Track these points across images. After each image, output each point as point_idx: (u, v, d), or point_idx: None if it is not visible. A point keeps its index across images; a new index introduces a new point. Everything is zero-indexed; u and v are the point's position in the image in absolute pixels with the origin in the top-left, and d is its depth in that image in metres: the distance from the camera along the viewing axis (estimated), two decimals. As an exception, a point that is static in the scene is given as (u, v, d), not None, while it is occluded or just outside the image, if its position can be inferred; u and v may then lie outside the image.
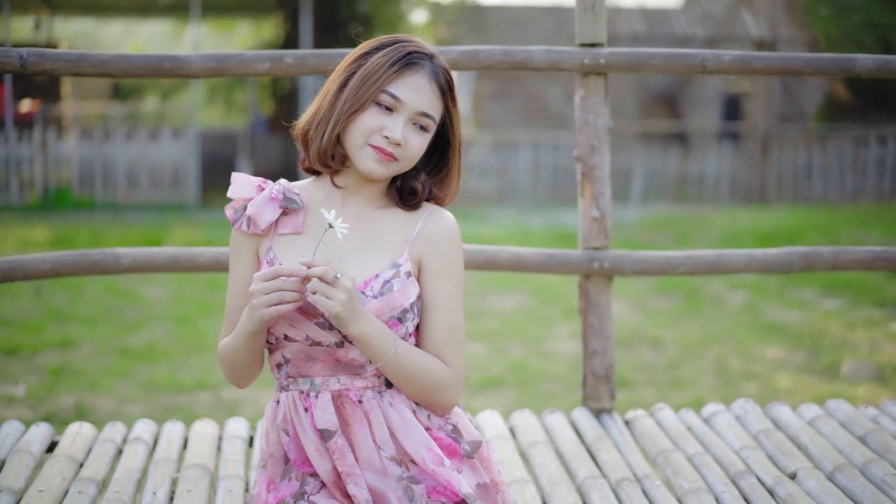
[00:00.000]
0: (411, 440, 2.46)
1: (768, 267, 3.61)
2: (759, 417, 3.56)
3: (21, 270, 3.47)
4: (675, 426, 3.52)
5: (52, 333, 8.18)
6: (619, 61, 3.49)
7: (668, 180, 18.45)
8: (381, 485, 2.46)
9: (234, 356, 2.50)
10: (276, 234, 2.52)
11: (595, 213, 3.56)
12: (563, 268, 3.60)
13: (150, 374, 7.04)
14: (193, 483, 3.06)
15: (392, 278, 2.45)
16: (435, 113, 2.49)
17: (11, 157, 16.89)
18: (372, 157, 2.45)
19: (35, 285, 10.04)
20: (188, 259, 3.50)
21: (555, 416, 3.64)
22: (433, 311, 2.51)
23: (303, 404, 2.48)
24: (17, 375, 7.00)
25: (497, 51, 3.47)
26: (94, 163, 17.19)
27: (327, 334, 2.42)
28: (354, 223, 2.51)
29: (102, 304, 9.43)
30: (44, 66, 3.33)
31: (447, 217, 2.57)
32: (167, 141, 17.62)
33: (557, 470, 3.19)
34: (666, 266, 3.62)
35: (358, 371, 2.47)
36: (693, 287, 10.26)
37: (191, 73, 3.38)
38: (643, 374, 7.10)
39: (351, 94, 2.44)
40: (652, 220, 15.26)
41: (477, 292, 10.05)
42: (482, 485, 2.52)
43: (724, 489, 3.03)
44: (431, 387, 2.48)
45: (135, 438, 3.41)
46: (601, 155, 3.54)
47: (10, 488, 2.98)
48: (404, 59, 2.46)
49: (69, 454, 3.25)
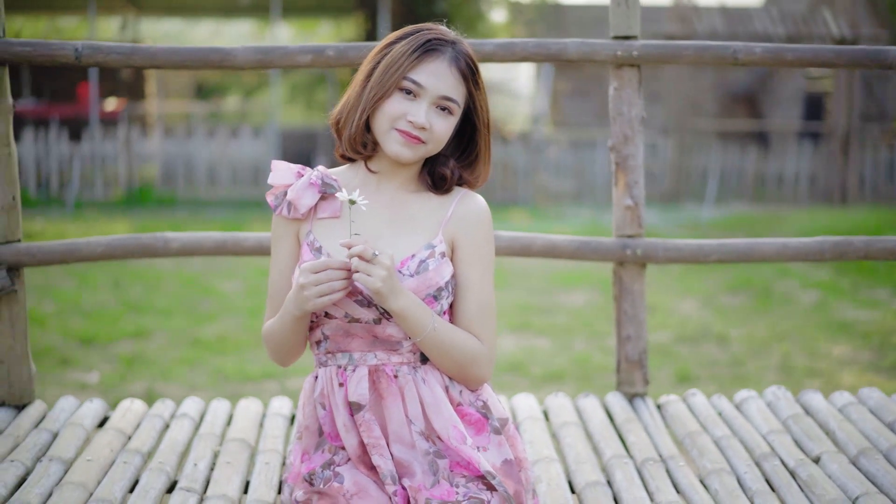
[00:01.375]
0: (439, 417, 2.57)
1: (800, 255, 3.65)
2: (789, 403, 3.62)
3: (76, 253, 3.64)
4: (706, 411, 3.59)
5: (128, 324, 8.42)
6: (651, 53, 3.57)
7: (746, 180, 18.32)
8: (409, 457, 2.57)
9: (279, 338, 2.62)
10: (315, 219, 2.64)
11: (628, 202, 3.64)
12: (597, 255, 3.68)
13: (220, 363, 7.22)
14: (233, 456, 3.21)
15: (427, 258, 2.56)
16: (457, 96, 2.59)
17: (97, 155, 17.27)
18: (398, 141, 2.56)
19: (114, 278, 10.31)
20: (234, 243, 3.65)
21: (588, 399, 3.73)
22: (466, 290, 2.62)
23: (338, 379, 2.59)
24: (92, 363, 7.23)
25: (531, 43, 3.56)
26: (177, 160, 17.51)
27: (366, 311, 2.53)
28: (389, 206, 2.63)
29: (178, 296, 9.66)
30: (97, 59, 3.49)
31: (479, 201, 2.67)
32: (247, 139, 17.88)
33: (585, 450, 3.29)
34: (699, 254, 3.69)
35: (394, 347, 2.58)
36: (764, 285, 10.25)
37: (236, 65, 3.52)
38: (707, 369, 7.13)
39: (376, 83, 2.56)
40: (727, 219, 15.20)
41: (546, 290, 10.12)
42: (507, 461, 2.61)
43: (746, 470, 3.10)
44: (465, 361, 2.58)
45: (182, 414, 3.57)
46: (634, 145, 3.62)
47: (61, 458, 3.15)
48: (424, 45, 2.57)
49: (118, 428, 3.42)
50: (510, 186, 17.96)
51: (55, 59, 3.50)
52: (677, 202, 17.77)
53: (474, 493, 2.52)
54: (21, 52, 3.47)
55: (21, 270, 3.61)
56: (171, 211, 15.78)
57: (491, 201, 12.03)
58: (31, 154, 17.00)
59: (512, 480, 2.59)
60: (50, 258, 3.60)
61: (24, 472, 3.08)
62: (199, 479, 3.06)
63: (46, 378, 6.66)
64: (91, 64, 3.49)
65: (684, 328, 8.47)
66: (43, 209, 15.77)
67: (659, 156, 18.48)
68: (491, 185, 17.92)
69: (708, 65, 3.61)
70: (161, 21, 28.57)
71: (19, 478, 3.04)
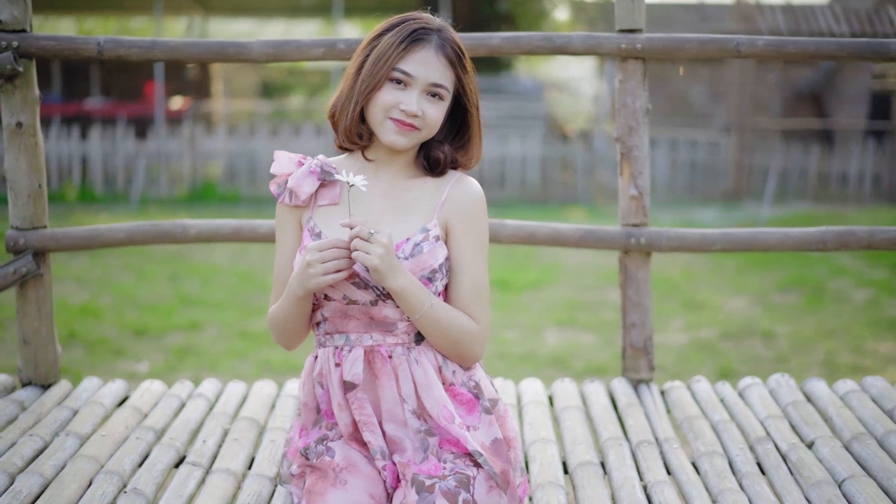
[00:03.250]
0: (430, 396, 2.67)
1: (803, 245, 3.70)
2: (792, 391, 3.67)
3: (99, 239, 3.79)
4: (708, 396, 3.65)
5: (181, 317, 8.61)
6: (655, 47, 3.64)
7: (809, 179, 18.19)
8: (401, 434, 2.67)
9: (283, 320, 2.72)
10: (315, 206, 2.75)
11: (633, 192, 3.71)
12: (602, 243, 3.75)
13: (267, 355, 7.37)
14: (241, 433, 3.34)
15: (422, 241, 2.65)
16: (446, 82, 2.68)
17: (162, 153, 17.56)
18: (393, 130, 2.65)
19: (171, 272, 10.52)
20: (250, 230, 3.77)
21: (593, 385, 3.81)
22: (459, 272, 2.71)
23: (335, 359, 2.70)
24: (143, 353, 7.42)
25: (538, 37, 3.65)
26: (240, 158, 17.72)
27: (363, 293, 2.63)
28: (387, 192, 2.73)
29: (232, 290, 9.84)
30: (119, 53, 3.63)
31: (472, 184, 2.76)
32: (310, 137, 18.04)
33: (583, 432, 3.37)
34: (703, 242, 3.75)
35: (390, 328, 2.67)
36: (818, 284, 10.21)
37: (252, 58, 3.64)
38: (749, 365, 7.16)
39: (367, 75, 2.65)
40: (787, 218, 15.11)
41: (597, 286, 10.17)
42: (497, 440, 2.70)
43: (738, 453, 3.17)
44: (461, 339, 2.67)
45: (198, 394, 3.71)
46: (639, 136, 3.69)
47: (77, 433, 3.30)
48: (411, 35, 2.66)
49: (136, 406, 3.56)
50: (569, 185, 18.00)
51: (79, 53, 3.65)
52: (738, 201, 17.70)
53: (460, 468, 2.61)
54: (47, 46, 3.63)
55: (47, 255, 3.76)
56: (233, 208, 15.99)
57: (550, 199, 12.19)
58: (98, 152, 17.33)
59: (500, 459, 2.67)
60: (74, 244, 3.75)
61: (41, 445, 3.23)
62: (206, 454, 3.19)
63: (98, 367, 6.86)
64: (113, 57, 3.63)
65: (730, 325, 8.49)
66: (109, 205, 16.07)
67: (720, 154, 18.41)
68: (550, 183, 17.98)
69: (711, 57, 3.66)
70: (230, 22, 28.92)
71: (36, 451, 3.19)
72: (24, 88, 3.62)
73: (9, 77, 3.59)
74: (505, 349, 7.56)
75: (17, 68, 3.56)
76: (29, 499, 2.86)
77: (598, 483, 3.01)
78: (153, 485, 2.98)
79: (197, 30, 23.95)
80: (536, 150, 18.04)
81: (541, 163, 18.03)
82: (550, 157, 18.11)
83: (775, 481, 3.02)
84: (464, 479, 2.58)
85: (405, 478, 2.63)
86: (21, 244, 3.70)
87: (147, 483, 2.96)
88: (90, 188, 17.21)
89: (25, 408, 3.58)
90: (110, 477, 2.98)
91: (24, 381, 3.81)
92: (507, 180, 17.79)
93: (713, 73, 21.64)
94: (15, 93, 3.62)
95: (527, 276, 10.51)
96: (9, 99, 3.62)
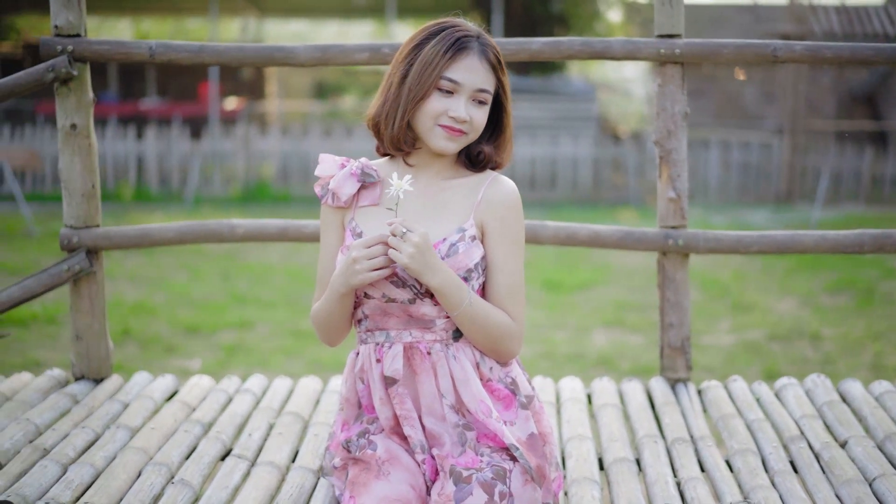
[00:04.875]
0: (468, 391, 2.75)
1: (839, 247, 3.75)
2: (827, 391, 3.72)
3: (149, 238, 3.91)
4: (745, 396, 3.71)
5: (233, 315, 8.75)
6: (693, 51, 3.69)
7: (863, 181, 18.09)
8: (439, 428, 2.76)
9: (326, 317, 2.82)
10: (357, 206, 2.84)
11: (671, 194, 3.77)
12: (640, 245, 3.82)
13: (317, 353, 7.48)
14: (286, 427, 3.44)
15: (458, 241, 2.74)
16: (490, 87, 2.77)
17: (216, 153, 17.78)
18: (443, 136, 2.74)
19: (224, 271, 10.67)
20: (296, 230, 3.87)
21: (631, 384, 3.88)
22: (496, 270, 2.79)
23: (376, 356, 2.79)
24: (195, 351, 7.55)
25: (577, 41, 3.72)
26: (293, 158, 17.90)
27: (401, 291, 2.72)
28: (425, 194, 2.81)
29: (283, 289, 9.96)
30: (169, 56, 3.75)
31: (507, 184, 2.84)
32: (362, 138, 18.18)
33: (619, 429, 3.44)
34: (738, 245, 3.80)
35: (428, 325, 2.76)
36: (868, 286, 10.19)
37: (298, 62, 3.74)
38: (796, 367, 7.17)
39: (413, 84, 2.73)
40: (839, 220, 15.05)
41: (646, 288, 10.20)
42: (532, 434, 2.77)
43: (771, 451, 3.22)
44: (498, 335, 2.75)
45: (245, 390, 3.82)
46: (678, 139, 3.75)
47: (128, 426, 3.42)
48: (455, 44, 2.74)
49: (185, 400, 3.67)
50: (621, 186, 18.02)
51: (131, 57, 3.77)
52: (791, 203, 17.64)
53: (497, 462, 2.68)
54: (101, 51, 3.74)
55: (100, 253, 3.88)
56: (285, 207, 16.16)
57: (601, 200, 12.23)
58: (153, 151, 17.57)
59: (535, 454, 2.75)
60: (125, 242, 3.86)
61: (93, 437, 3.35)
62: (252, 447, 3.29)
63: (152, 364, 6.99)
64: (164, 61, 3.74)
65: (779, 327, 8.50)
66: (163, 204, 16.29)
67: (773, 156, 18.35)
68: (602, 183, 18.00)
69: (748, 62, 3.72)
70: (285, 22, 29.16)
71: (88, 442, 3.31)
72: (78, 91, 3.75)
73: (64, 80, 3.71)
74: (553, 349, 7.62)
75: (71, 72, 3.69)
76: (81, 488, 2.97)
77: (632, 479, 3.07)
78: (200, 476, 3.08)
79: (252, 31, 24.16)
80: (588, 151, 18.08)
81: (592, 164, 18.07)
82: (602, 158, 18.15)
83: (807, 479, 3.07)
84: (500, 471, 2.66)
85: (443, 470, 2.71)
86: (75, 242, 3.82)
87: (194, 474, 3.07)
88: (145, 187, 17.44)
89: (78, 401, 3.70)
90: (158, 468, 3.09)
91: (76, 375, 3.93)
92: (558, 181, 17.84)
93: (765, 75, 21.56)
94: (70, 95, 3.74)
95: (576, 277, 10.56)
96: (64, 101, 3.74)
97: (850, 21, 19.03)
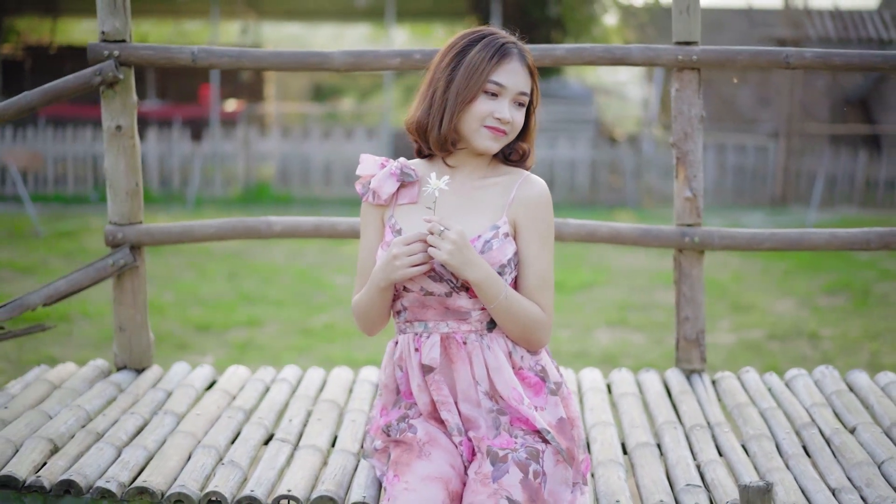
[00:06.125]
0: (501, 379, 2.93)
1: (847, 244, 3.94)
2: (835, 381, 3.91)
3: (190, 234, 4.09)
4: (757, 386, 3.90)
5: (242, 313, 8.90)
6: (709, 58, 3.89)
7: (857, 184, 18.28)
8: (475, 413, 2.94)
9: (367, 308, 2.99)
10: (396, 204, 3.02)
11: (688, 194, 3.96)
12: (658, 241, 4.00)
13: (328, 351, 7.64)
14: (324, 414, 3.63)
15: (492, 238, 2.91)
16: (528, 89, 2.96)
17: (216, 154, 17.93)
18: (488, 137, 2.92)
19: (229, 271, 10.83)
20: (330, 227, 4.05)
21: (649, 374, 4.07)
22: (527, 265, 2.96)
23: (415, 345, 2.97)
24: (207, 348, 7.71)
25: (599, 48, 3.91)
26: (293, 159, 18.05)
27: (438, 285, 2.90)
28: (460, 192, 2.99)
29: (291, 289, 10.12)
30: (210, 62, 3.94)
31: (539, 183, 3.01)
32: (361, 139, 18.36)
33: (639, 416, 3.63)
34: (752, 242, 3.99)
35: (464, 317, 2.94)
36: (864, 287, 10.37)
37: (333, 67, 3.93)
38: (794, 365, 7.32)
39: (461, 88, 2.90)
40: (833, 222, 15.25)
41: (648, 288, 10.38)
42: (562, 419, 2.96)
43: (784, 437, 3.41)
44: (530, 325, 2.93)
45: (281, 379, 4.01)
46: (694, 141, 3.94)
47: (174, 412, 3.61)
48: (500, 50, 2.92)
49: (225, 389, 3.86)
50: (618, 188, 18.21)
51: (175, 62, 3.96)
52: (785, 205, 17.84)
53: (530, 443, 2.87)
54: (145, 56, 3.93)
55: (142, 249, 4.06)
56: (286, 208, 16.30)
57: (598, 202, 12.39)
58: (154, 153, 17.71)
59: (565, 437, 2.93)
60: (167, 238, 4.05)
61: (142, 422, 3.54)
62: (293, 432, 3.48)
63: (165, 361, 7.12)
64: (206, 66, 3.93)
65: (778, 326, 8.67)
66: (165, 205, 16.43)
67: (769, 159, 18.54)
68: (599, 186, 18.18)
69: (762, 68, 3.92)
70: (282, 25, 29.29)
71: (138, 427, 3.50)
72: (123, 94, 3.93)
73: (110, 84, 3.89)
74: (558, 347, 7.79)
75: (118, 76, 3.87)
76: (136, 469, 3.15)
77: (654, 462, 3.26)
78: (247, 458, 3.27)
79: (251, 33, 24.31)
80: (585, 154, 18.27)
81: (590, 166, 18.26)
82: (599, 161, 18.33)
83: (819, 462, 3.26)
84: (534, 451, 2.85)
85: (480, 450, 2.89)
86: (119, 238, 4.00)
87: (242, 457, 3.25)
88: (147, 189, 17.53)
89: (122, 389, 3.88)
90: (208, 451, 3.27)
91: (118, 365, 4.11)
92: (556, 183, 18.00)
93: (761, 79, 21.75)
94: (115, 98, 3.92)
95: (579, 278, 10.72)
96: (109, 104, 3.92)
97: (844, 26, 19.24)
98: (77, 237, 12.75)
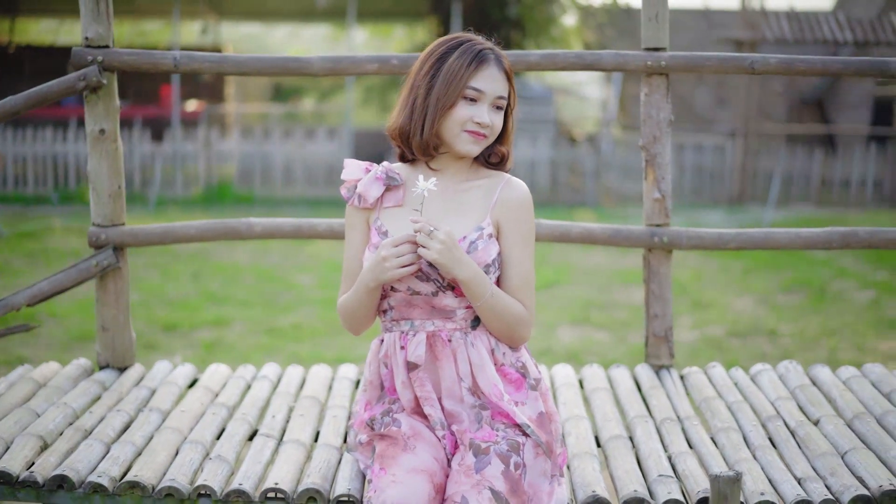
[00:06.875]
0: (483, 376, 3.04)
1: (810, 244, 4.08)
2: (799, 376, 4.05)
3: (172, 235, 4.18)
4: (724, 380, 4.03)
5: (209, 313, 8.95)
6: (678, 63, 4.01)
7: (812, 183, 18.52)
8: (458, 409, 3.05)
9: (354, 309, 3.09)
10: (382, 207, 3.11)
11: (657, 195, 4.08)
12: (628, 241, 4.13)
13: (295, 349, 7.71)
14: (306, 410, 3.73)
15: (477, 239, 3.02)
16: (506, 94, 3.07)
17: (177, 154, 17.91)
18: (469, 141, 3.03)
19: (193, 271, 10.86)
20: (309, 228, 4.15)
21: (619, 370, 4.20)
22: (509, 265, 3.07)
23: (400, 343, 3.07)
24: (175, 348, 7.76)
25: (571, 54, 4.03)
26: (254, 160, 18.04)
27: (425, 285, 3.01)
28: (444, 195, 3.09)
29: (256, 289, 10.17)
30: (193, 66, 4.02)
31: (521, 186, 3.13)
32: (323, 139, 18.39)
33: (612, 410, 3.75)
34: (718, 241, 4.12)
35: (449, 315, 3.05)
36: (821, 285, 10.53)
37: (312, 72, 4.03)
38: (755, 361, 7.44)
39: (441, 94, 3.00)
40: (790, 221, 15.44)
41: (609, 286, 10.50)
42: (541, 413, 3.07)
43: (751, 429, 3.54)
44: (514, 322, 3.05)
45: (262, 377, 4.11)
46: (662, 144, 4.06)
47: (159, 408, 3.70)
48: (478, 56, 3.02)
49: (207, 386, 3.96)
50: (577, 188, 18.35)
51: (158, 67, 4.04)
52: (743, 204, 18.03)
53: (511, 436, 2.98)
54: (128, 61, 4.01)
55: (125, 250, 4.15)
56: (248, 209, 16.29)
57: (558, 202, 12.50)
58: (115, 153, 17.63)
59: (544, 431, 3.04)
60: (149, 239, 4.13)
61: (128, 419, 3.63)
62: (276, 427, 3.59)
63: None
64: (187, 71, 4.02)
65: (737, 323, 8.82)
66: (126, 206, 16.35)
67: (726, 158, 18.75)
68: (559, 185, 18.32)
69: (728, 73, 4.04)
70: (240, 25, 29.27)
71: (125, 424, 3.59)
72: (106, 98, 4.01)
73: (94, 88, 3.97)
74: (522, 345, 7.87)
75: (101, 80, 3.94)
76: (126, 464, 3.25)
77: (627, 453, 3.38)
78: (233, 453, 3.37)
79: (211, 33, 24.28)
80: (545, 154, 18.40)
81: (550, 165, 18.39)
82: (559, 160, 18.47)
83: (785, 453, 3.39)
84: (515, 444, 2.96)
85: (463, 443, 3.00)
86: (102, 239, 4.08)
87: (228, 451, 3.35)
88: (108, 189, 17.50)
89: (107, 387, 3.97)
90: (194, 446, 3.37)
91: (101, 364, 4.19)
92: (516, 183, 18.03)
93: (719, 80, 21.96)
94: (98, 102, 4.00)
95: (541, 277, 10.80)
96: (93, 108, 4.00)
97: (800, 27, 19.47)
98: (39, 238, 12.72)
